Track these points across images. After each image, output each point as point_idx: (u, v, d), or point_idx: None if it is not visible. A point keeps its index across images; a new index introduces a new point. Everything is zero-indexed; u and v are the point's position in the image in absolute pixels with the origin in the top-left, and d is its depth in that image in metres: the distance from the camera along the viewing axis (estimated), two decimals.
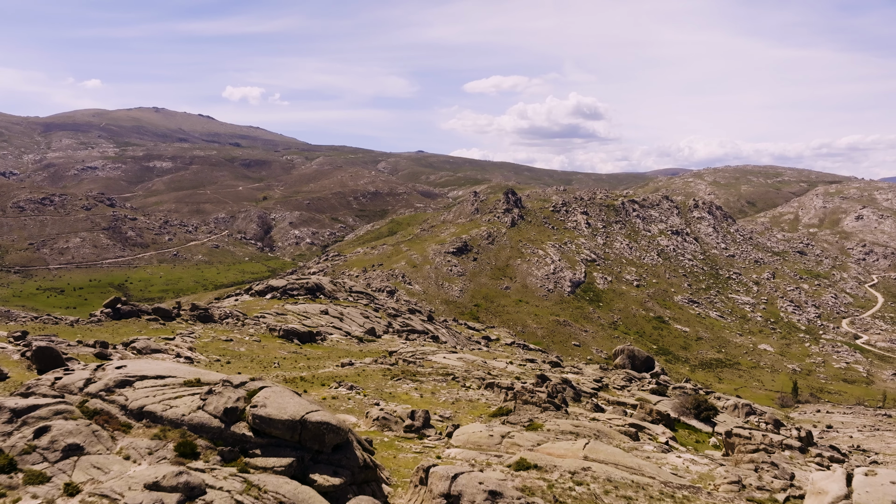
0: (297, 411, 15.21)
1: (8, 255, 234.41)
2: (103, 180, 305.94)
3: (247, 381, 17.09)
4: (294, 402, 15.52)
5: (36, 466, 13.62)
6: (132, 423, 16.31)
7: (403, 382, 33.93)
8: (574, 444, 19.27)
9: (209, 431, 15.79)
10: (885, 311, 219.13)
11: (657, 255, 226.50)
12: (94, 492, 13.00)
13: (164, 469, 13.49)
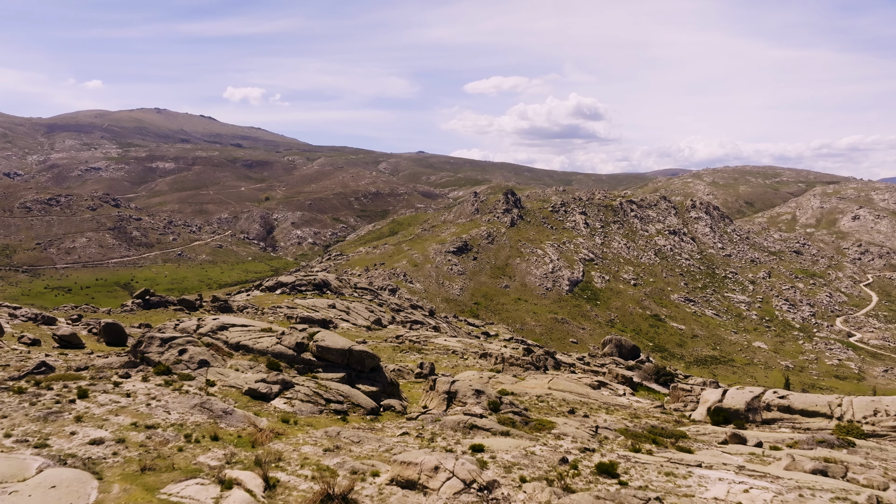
0: (345, 344, 22.33)
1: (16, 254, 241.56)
2: (107, 181, 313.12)
3: (307, 328, 24.17)
4: (342, 339, 22.64)
5: (184, 371, 20.69)
6: (232, 352, 23.45)
7: (410, 354, 40.94)
8: (541, 381, 26.33)
9: (285, 357, 22.98)
10: (879, 310, 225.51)
11: (654, 255, 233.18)
12: (224, 384, 20.05)
13: (265, 373, 20.54)
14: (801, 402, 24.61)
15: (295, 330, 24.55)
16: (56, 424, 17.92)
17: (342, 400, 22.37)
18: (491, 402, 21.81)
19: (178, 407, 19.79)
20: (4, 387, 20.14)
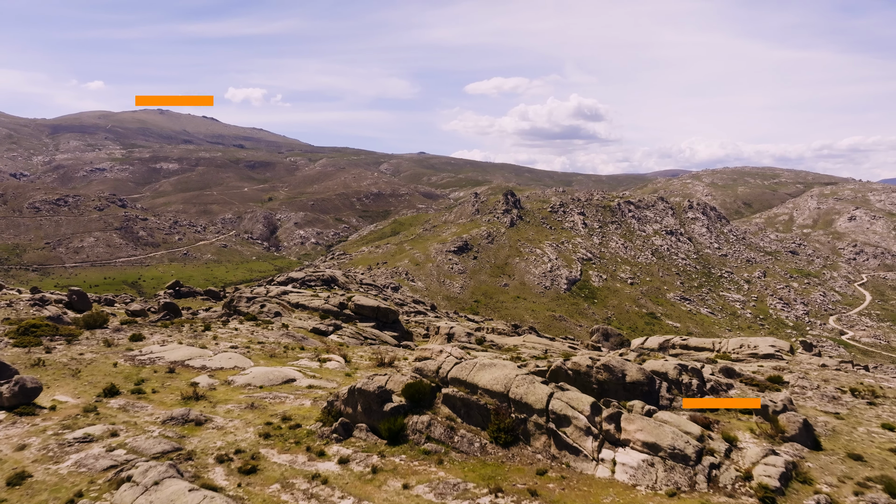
0: (375, 303, 32.78)
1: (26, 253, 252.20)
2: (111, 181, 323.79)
3: (345, 293, 34.68)
4: (372, 299, 33.06)
5: (265, 318, 31.23)
6: (294, 309, 33.95)
7: (419, 329, 51.36)
8: (519, 338, 36.82)
9: (331, 312, 33.46)
10: (872, 309, 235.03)
11: (651, 255, 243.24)
12: (294, 326, 30.50)
13: (320, 321, 30.99)
14: (695, 343, 35.13)
15: (336, 294, 35.07)
16: (204, 340, 28.51)
17: (374, 338, 32.90)
18: (478, 340, 31.97)
19: (272, 335, 30.31)
20: (156, 325, 30.75)
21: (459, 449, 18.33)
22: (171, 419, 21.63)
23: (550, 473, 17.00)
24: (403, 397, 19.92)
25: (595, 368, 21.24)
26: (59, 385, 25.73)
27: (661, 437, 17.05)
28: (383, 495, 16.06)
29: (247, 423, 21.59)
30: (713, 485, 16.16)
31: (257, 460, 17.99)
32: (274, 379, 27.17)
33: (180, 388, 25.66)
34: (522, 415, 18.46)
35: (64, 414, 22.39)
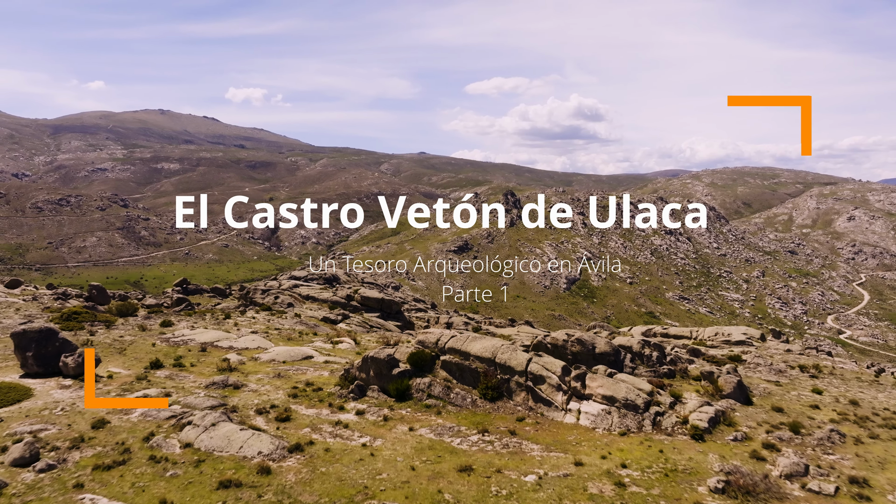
0: (380, 295, 37.16)
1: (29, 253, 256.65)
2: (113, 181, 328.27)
3: (352, 286, 39.04)
4: (377, 292, 37.43)
5: (279, 309, 35.62)
6: (304, 301, 38.33)
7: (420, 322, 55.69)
8: (513, 329, 41.20)
9: (339, 304, 37.85)
10: (870, 308, 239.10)
11: (650, 254, 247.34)
12: (306, 315, 34.87)
13: (330, 311, 35.37)
14: (675, 331, 39.43)
15: (343, 287, 39.44)
16: (226, 326, 32.92)
17: (380, 326, 37.27)
18: (474, 328, 36.27)
19: (286, 323, 34.70)
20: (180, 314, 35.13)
21: (454, 403, 22.69)
22: (213, 384, 26.00)
23: (527, 420, 21.36)
24: (408, 363, 24.28)
25: (570, 342, 25.58)
26: (109, 360, 30.11)
27: (617, 392, 21.40)
28: (393, 435, 20.41)
29: (276, 387, 25.97)
30: (657, 427, 20.50)
31: (289, 412, 22.35)
32: (294, 356, 31.55)
33: (214, 363, 30.04)
34: (506, 376, 22.81)
35: (120, 381, 26.77)
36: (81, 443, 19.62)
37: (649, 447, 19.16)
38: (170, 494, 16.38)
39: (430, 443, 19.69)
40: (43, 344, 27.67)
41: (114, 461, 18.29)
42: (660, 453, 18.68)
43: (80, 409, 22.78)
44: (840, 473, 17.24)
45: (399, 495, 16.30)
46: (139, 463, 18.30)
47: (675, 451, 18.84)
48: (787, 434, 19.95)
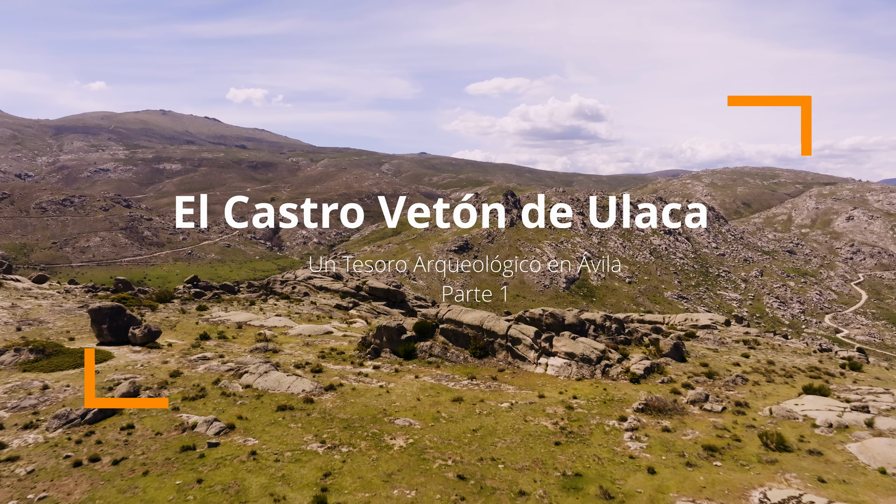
0: (385, 285, 43.99)
1: (33, 253, 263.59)
2: (115, 182, 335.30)
3: (360, 277, 45.85)
4: (383, 283, 44.17)
5: (297, 298, 42.49)
6: (318, 291, 45.21)
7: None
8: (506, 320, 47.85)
9: (349, 293, 44.71)
10: (868, 308, 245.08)
11: (649, 254, 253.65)
12: (321, 303, 41.73)
13: (342, 299, 42.19)
14: (650, 318, 46.13)
15: (354, 278, 46.27)
16: (253, 310, 39.72)
17: (386, 312, 44.00)
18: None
19: (304, 309, 41.48)
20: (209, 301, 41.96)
21: (450, 360, 29.41)
22: (255, 349, 32.75)
23: (506, 371, 28.09)
24: (414, 331, 31.00)
25: (544, 315, 32.30)
26: (165, 334, 36.84)
27: (576, 349, 28.11)
28: (402, 381, 27.13)
29: (306, 352, 32.70)
30: (605, 375, 27.20)
31: (321, 367, 29.08)
32: (317, 332, 38.31)
33: (251, 336, 36.79)
34: (491, 339, 29.54)
35: (179, 348, 33.52)
36: (166, 385, 26.35)
37: (596, 387, 25.88)
38: (244, 413, 23.11)
39: (431, 385, 26.41)
40: (115, 318, 34.40)
41: (195, 395, 25.02)
42: (603, 391, 25.39)
43: (156, 366, 29.52)
44: (731, 401, 23.87)
45: (409, 414, 23.02)
46: (214, 396, 25.03)
47: (615, 389, 25.55)
48: (702, 378, 26.62)
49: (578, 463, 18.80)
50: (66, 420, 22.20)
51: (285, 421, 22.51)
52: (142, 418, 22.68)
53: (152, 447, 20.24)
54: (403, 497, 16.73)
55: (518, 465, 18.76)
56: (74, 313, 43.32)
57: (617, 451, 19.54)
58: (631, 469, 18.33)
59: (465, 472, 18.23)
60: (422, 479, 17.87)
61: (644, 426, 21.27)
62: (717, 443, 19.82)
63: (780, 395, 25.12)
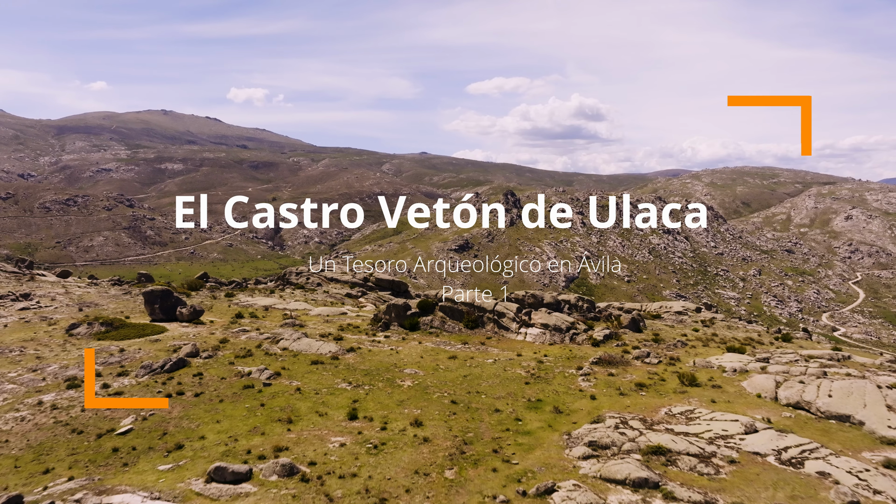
0: (391, 277, 51.29)
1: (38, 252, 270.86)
2: (117, 182, 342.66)
3: (367, 272, 53.11)
4: (388, 275, 51.43)
5: (311, 287, 49.77)
6: (329, 282, 52.43)
7: None
8: None
9: (358, 284, 52.05)
10: (865, 306, 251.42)
11: (648, 253, 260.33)
12: (333, 292, 48.91)
13: (352, 288, 49.38)
14: (629, 305, 53.38)
15: (361, 271, 53.59)
16: (275, 298, 46.90)
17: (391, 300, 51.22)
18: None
19: (318, 296, 48.62)
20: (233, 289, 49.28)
21: (447, 331, 36.52)
22: (284, 324, 39.88)
23: (493, 338, 35.21)
24: (417, 308, 38.13)
25: (527, 296, 39.41)
26: (203, 314, 43.95)
27: (549, 321, 35.22)
28: (408, 345, 34.22)
29: (327, 327, 39.83)
30: (573, 341, 34.29)
31: (341, 337, 36.19)
32: (333, 313, 45.43)
33: (278, 315, 43.94)
34: (481, 313, 36.65)
35: (220, 324, 40.66)
36: (219, 348, 33.46)
37: (564, 349, 32.99)
38: (286, 365, 30.23)
39: (431, 348, 33.53)
40: (165, 299, 41.53)
41: (244, 354, 32.13)
42: (569, 351, 32.49)
43: (205, 336, 36.64)
44: (667, 357, 30.93)
45: (414, 366, 30.13)
46: (260, 355, 32.14)
47: (578, 350, 32.66)
48: (650, 343, 33.70)
49: (541, 394, 25.88)
50: (150, 370, 29.27)
51: (318, 370, 29.61)
52: (207, 368, 29.76)
53: (220, 386, 27.33)
54: (412, 413, 23.79)
55: (496, 395, 25.85)
56: (121, 298, 50.48)
57: (571, 388, 26.61)
58: (579, 397, 25.42)
59: (456, 399, 25.33)
60: (425, 403, 24.95)
61: (595, 373, 28.30)
62: (646, 381, 26.87)
63: (708, 354, 32.14)
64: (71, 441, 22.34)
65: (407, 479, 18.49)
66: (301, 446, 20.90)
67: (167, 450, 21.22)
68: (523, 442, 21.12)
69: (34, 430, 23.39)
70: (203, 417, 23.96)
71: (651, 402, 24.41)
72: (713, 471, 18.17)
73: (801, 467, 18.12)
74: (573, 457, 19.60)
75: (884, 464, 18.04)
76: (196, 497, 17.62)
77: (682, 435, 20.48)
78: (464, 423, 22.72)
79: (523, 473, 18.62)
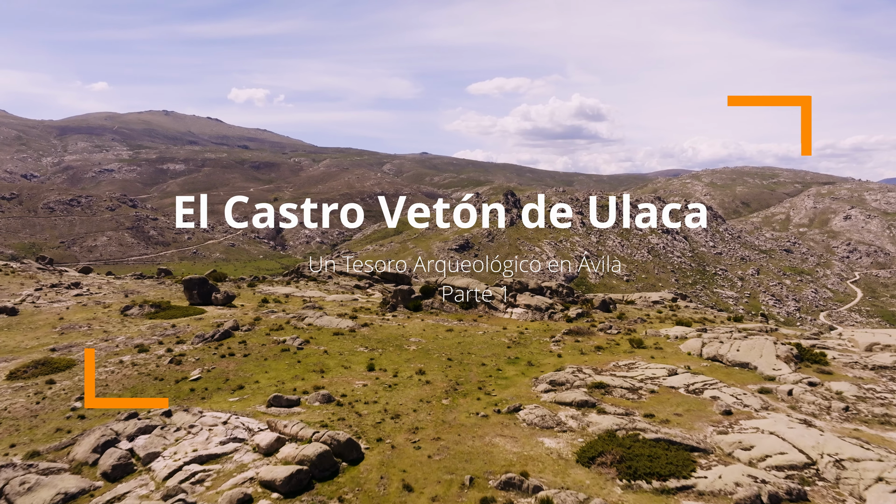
0: (395, 272, 58.85)
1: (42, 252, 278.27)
2: (120, 182, 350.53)
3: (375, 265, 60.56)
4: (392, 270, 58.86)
5: (322, 279, 57.33)
6: (339, 276, 59.97)
7: None
8: None
9: (365, 277, 59.66)
10: (862, 305, 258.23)
11: (647, 252, 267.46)
12: (343, 284, 56.43)
13: (360, 280, 56.92)
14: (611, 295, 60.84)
15: (368, 265, 61.11)
16: (292, 288, 54.37)
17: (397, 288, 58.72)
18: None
19: (330, 287, 56.06)
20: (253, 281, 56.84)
21: (446, 311, 43.94)
22: (306, 307, 47.28)
23: (484, 316, 42.62)
24: (420, 292, 45.55)
25: (514, 282, 46.79)
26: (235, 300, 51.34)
27: (532, 302, 42.61)
28: (412, 322, 41.62)
29: (342, 309, 47.22)
30: (550, 319, 41.68)
31: (356, 315, 43.59)
32: (346, 299, 52.83)
33: (299, 301, 51.35)
34: (474, 296, 44.07)
35: (250, 307, 48.07)
36: (254, 324, 40.84)
37: (542, 324, 40.39)
38: (312, 335, 37.63)
39: (432, 324, 40.94)
40: (202, 286, 48.97)
41: (277, 328, 39.51)
42: (546, 325, 39.89)
43: (240, 316, 44.04)
44: (625, 329, 38.26)
45: (418, 336, 37.53)
46: (289, 329, 39.53)
47: (554, 325, 40.04)
48: (614, 320, 41.07)
49: (519, 354, 33.26)
50: (202, 338, 36.65)
51: (340, 339, 37.00)
52: (249, 338, 37.13)
53: (262, 350, 34.71)
54: (417, 366, 31.15)
55: (483, 355, 33.23)
56: (157, 287, 57.97)
57: (543, 350, 33.98)
58: (548, 355, 32.79)
59: (451, 358, 32.71)
60: (427, 360, 32.33)
61: (564, 340, 35.65)
62: (604, 345, 34.22)
63: (660, 327, 39.48)
64: (156, 385, 29.69)
65: (414, 404, 25.84)
66: (333, 386, 28.28)
67: (232, 389, 28.59)
68: (501, 383, 28.48)
69: (124, 378, 30.69)
70: (254, 370, 31.29)
71: (604, 359, 31.74)
72: (637, 397, 25.52)
73: (701, 394, 25.44)
74: (537, 391, 26.95)
75: (758, 390, 25.33)
76: (263, 414, 24.92)
77: (621, 377, 27.81)
78: (457, 373, 30.05)
79: (499, 401, 25.97)
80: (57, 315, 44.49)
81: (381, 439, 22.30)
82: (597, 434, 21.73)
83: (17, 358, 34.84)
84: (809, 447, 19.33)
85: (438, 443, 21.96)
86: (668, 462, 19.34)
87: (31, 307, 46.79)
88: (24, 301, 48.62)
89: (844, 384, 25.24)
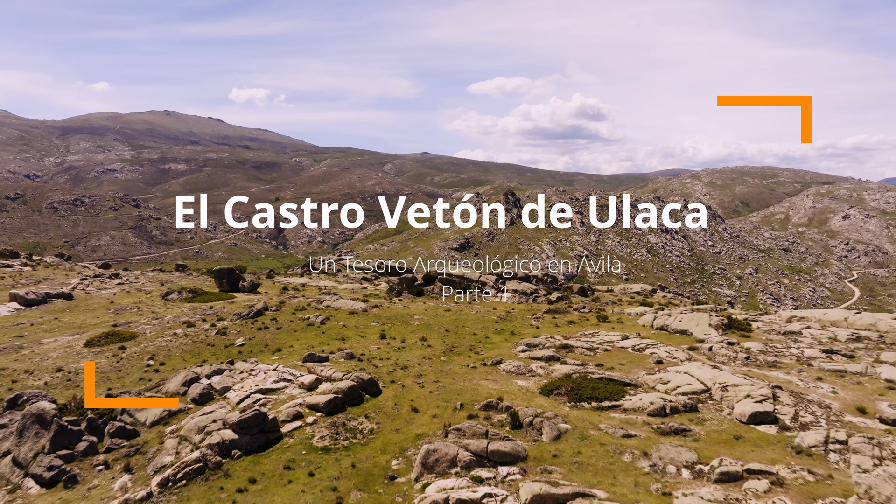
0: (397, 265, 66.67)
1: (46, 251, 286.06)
2: (122, 182, 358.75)
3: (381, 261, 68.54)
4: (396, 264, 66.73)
5: (332, 273, 65.28)
6: (346, 269, 67.94)
7: None
8: None
9: (370, 271, 67.67)
10: (860, 304, 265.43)
11: (646, 252, 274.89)
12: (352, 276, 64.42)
13: (367, 273, 64.91)
14: (597, 287, 68.29)
15: (373, 261, 69.08)
16: (306, 279, 62.39)
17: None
18: None
19: (340, 279, 63.98)
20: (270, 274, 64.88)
21: (445, 296, 51.77)
22: (322, 293, 55.07)
23: (477, 300, 50.46)
24: (422, 280, 53.39)
25: (503, 272, 54.57)
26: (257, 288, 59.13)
27: (519, 287, 50.43)
28: (416, 304, 49.43)
29: (355, 295, 55.01)
30: (534, 301, 49.49)
31: (367, 299, 51.38)
32: (356, 288, 60.64)
33: (314, 289, 59.17)
34: (469, 283, 51.89)
35: (272, 293, 55.86)
36: (280, 306, 48.55)
37: (526, 305, 48.19)
38: (331, 314, 45.42)
39: (432, 305, 48.75)
40: (230, 275, 56.80)
41: (300, 309, 47.31)
42: (530, 307, 47.67)
43: (266, 300, 51.83)
44: (596, 308, 45.99)
45: (420, 314, 45.35)
46: (311, 310, 47.33)
47: (537, 306, 47.83)
48: (589, 302, 48.88)
49: (504, 327, 41.03)
50: (239, 316, 44.43)
51: (355, 317, 44.80)
52: (278, 315, 44.90)
53: (291, 324, 42.48)
54: (420, 335, 38.91)
55: (474, 328, 41.01)
56: (186, 277, 65.80)
57: (525, 324, 41.74)
58: (529, 327, 40.56)
59: (448, 329, 40.49)
60: (428, 331, 40.10)
61: (543, 317, 43.42)
62: (576, 320, 42.00)
63: (626, 308, 47.24)
64: (209, 349, 37.45)
65: (418, 360, 33.60)
66: (354, 348, 36.06)
67: (272, 351, 36.38)
68: (488, 346, 36.26)
69: (182, 345, 38.43)
70: (287, 338, 39.05)
71: (574, 330, 39.49)
72: (593, 353, 33.29)
73: (643, 351, 33.19)
74: (517, 351, 34.72)
75: (688, 348, 33.09)
76: (301, 366, 32.63)
77: (584, 341, 35.57)
78: (453, 340, 37.81)
79: (486, 358, 33.73)
80: (108, 299, 52.26)
81: (394, 381, 30.06)
82: (557, 377, 29.46)
83: (86, 332, 42.61)
84: (708, 380, 27.03)
85: (437, 384, 29.70)
86: (605, 392, 27.07)
87: (83, 293, 54.59)
88: (76, 289, 56.44)
89: (756, 343, 32.90)
